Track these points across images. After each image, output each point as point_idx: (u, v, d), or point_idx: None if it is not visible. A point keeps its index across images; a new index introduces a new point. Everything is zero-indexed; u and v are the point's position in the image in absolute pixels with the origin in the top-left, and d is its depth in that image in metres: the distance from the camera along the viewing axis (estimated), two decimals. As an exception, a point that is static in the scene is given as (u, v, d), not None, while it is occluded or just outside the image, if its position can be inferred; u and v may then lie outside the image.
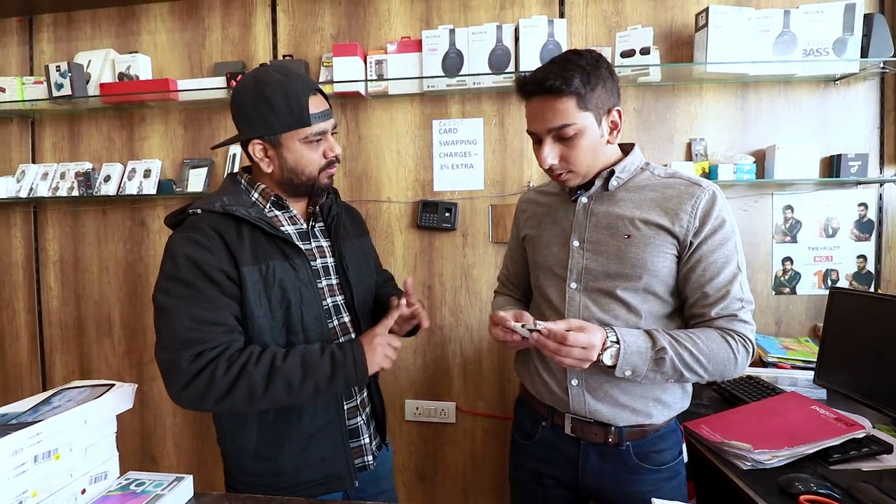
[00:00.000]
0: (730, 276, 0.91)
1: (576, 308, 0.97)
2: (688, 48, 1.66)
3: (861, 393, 1.26)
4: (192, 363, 0.86)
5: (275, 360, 0.89)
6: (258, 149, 0.98)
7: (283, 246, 0.96)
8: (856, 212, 1.67)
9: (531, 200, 1.15)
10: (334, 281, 1.06)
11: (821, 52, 1.53)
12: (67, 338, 2.05)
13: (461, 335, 1.84)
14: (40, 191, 1.91)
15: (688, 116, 1.70)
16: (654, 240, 0.92)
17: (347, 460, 1.01)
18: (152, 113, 1.94)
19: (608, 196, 0.98)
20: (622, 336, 0.88)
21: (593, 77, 0.88)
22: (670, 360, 0.87)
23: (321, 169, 1.00)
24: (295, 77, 0.97)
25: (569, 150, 0.92)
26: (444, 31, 1.66)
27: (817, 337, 1.62)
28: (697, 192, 0.92)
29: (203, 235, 0.91)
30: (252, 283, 0.91)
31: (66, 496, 0.81)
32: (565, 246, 1.00)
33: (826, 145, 1.65)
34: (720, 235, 0.91)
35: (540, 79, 0.88)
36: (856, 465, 1.03)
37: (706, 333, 0.90)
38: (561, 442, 1.02)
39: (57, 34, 1.98)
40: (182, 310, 0.88)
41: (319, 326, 0.98)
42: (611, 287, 0.94)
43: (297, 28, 1.84)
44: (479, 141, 1.78)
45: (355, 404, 1.05)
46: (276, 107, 0.94)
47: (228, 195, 0.98)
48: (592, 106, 0.89)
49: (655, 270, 0.92)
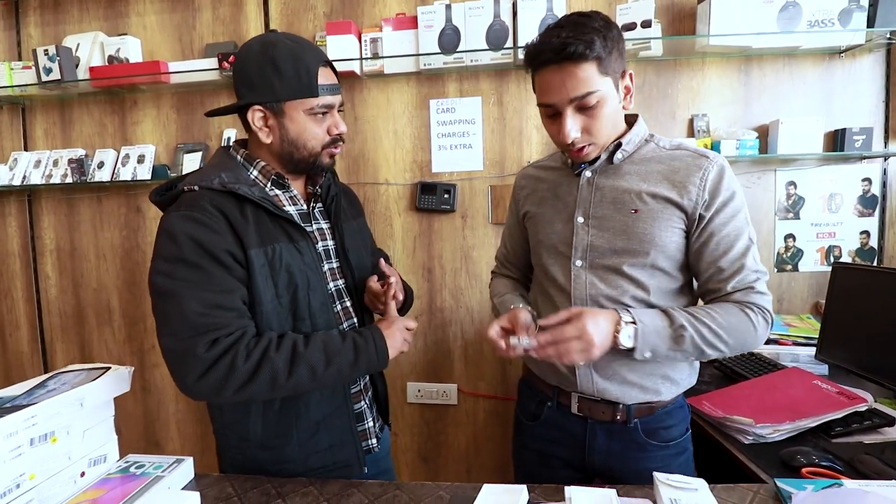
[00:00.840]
0: (743, 248, 0.88)
1: (582, 286, 0.94)
2: (690, 21, 1.62)
3: (863, 367, 1.25)
4: (209, 350, 0.80)
5: (296, 346, 0.86)
6: (258, 116, 0.91)
7: (287, 228, 0.92)
8: (859, 187, 1.65)
9: (530, 176, 1.10)
10: (335, 264, 1.02)
11: (826, 23, 1.50)
12: (67, 326, 2.05)
13: (462, 317, 1.83)
14: (33, 178, 1.89)
15: (690, 92, 1.67)
16: (661, 214, 0.89)
17: (356, 446, 0.99)
18: (144, 97, 1.90)
19: (613, 169, 0.94)
20: (638, 317, 0.85)
21: (609, 40, 0.83)
22: (690, 337, 0.84)
23: (324, 145, 0.95)
24: (307, 45, 0.92)
25: (591, 121, 0.86)
26: (440, 6, 1.62)
27: (819, 314, 1.61)
28: (705, 164, 0.89)
29: (205, 214, 0.84)
30: (259, 266, 0.86)
31: (65, 478, 0.81)
32: (569, 222, 0.96)
33: (830, 119, 1.62)
34: (731, 208, 0.88)
35: (557, 45, 0.81)
36: (858, 437, 1.03)
37: (723, 307, 0.88)
38: (567, 421, 1.00)
39: (44, 17, 1.94)
40: (190, 293, 0.81)
41: (326, 311, 0.95)
42: (617, 264, 0.91)
43: (290, 6, 1.80)
44: (478, 120, 1.75)
45: (359, 388, 1.03)
46: (283, 71, 0.87)
47: (226, 171, 0.91)
48: (611, 70, 0.84)
49: (663, 245, 0.89)
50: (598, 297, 0.92)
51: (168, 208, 0.89)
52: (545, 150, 1.73)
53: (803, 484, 0.77)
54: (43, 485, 0.77)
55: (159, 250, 0.85)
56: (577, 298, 0.94)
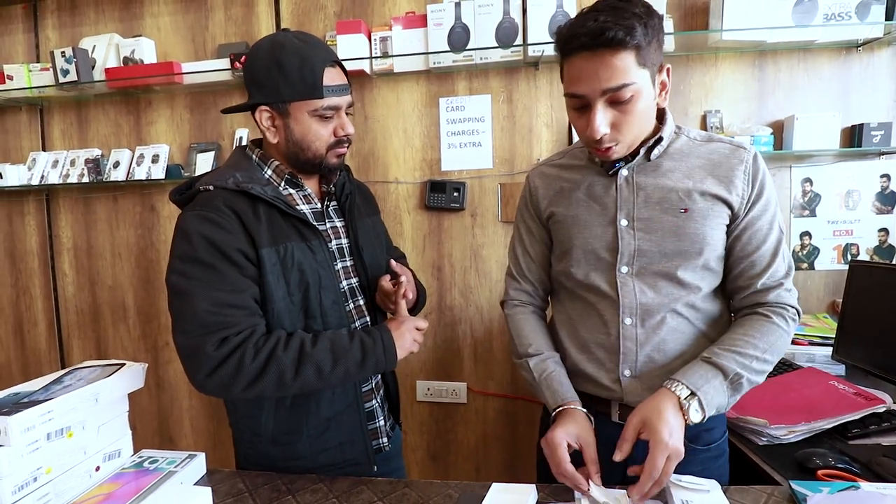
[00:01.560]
0: (775, 241, 0.86)
1: (630, 294, 0.88)
2: (702, 16, 1.60)
3: (881, 368, 1.22)
4: (219, 349, 0.82)
5: (304, 345, 0.87)
6: (265, 116, 0.92)
7: (300, 227, 0.92)
8: (878, 183, 1.61)
9: (547, 175, 1.00)
10: (349, 263, 1.03)
11: (843, 16, 1.47)
12: (84, 323, 2.09)
13: (471, 315, 1.83)
14: (51, 178, 1.93)
15: (703, 88, 1.65)
16: (711, 211, 0.84)
17: (366, 444, 1.00)
18: (158, 97, 1.93)
19: (652, 167, 0.88)
20: (694, 385, 0.78)
21: (650, 28, 0.75)
22: (746, 380, 0.81)
23: (329, 147, 0.94)
24: (315, 44, 0.91)
25: (622, 116, 0.79)
26: (449, 4, 1.61)
27: (836, 313, 1.58)
28: (745, 156, 0.85)
29: (219, 214, 0.86)
30: (270, 265, 0.87)
31: (81, 473, 0.83)
32: (611, 226, 0.89)
33: (847, 115, 1.59)
34: (765, 199, 0.85)
35: (594, 29, 0.73)
36: (875, 439, 1.01)
37: (758, 327, 0.84)
38: (606, 429, 0.89)
39: (61, 20, 1.97)
40: (202, 292, 0.83)
41: (338, 310, 0.95)
42: (669, 268, 0.86)
43: (300, 6, 1.81)
44: (487, 118, 1.74)
45: (370, 387, 1.04)
46: (288, 72, 0.88)
47: (241, 171, 0.92)
48: (649, 62, 0.77)
49: (714, 244, 0.85)
50: (649, 306, 0.87)
51: (185, 207, 0.91)
52: (555, 148, 1.72)
53: (819, 486, 0.76)
54: (59, 479, 0.79)
55: (175, 249, 0.87)
56: (626, 307, 0.88)
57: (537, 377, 0.93)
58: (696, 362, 0.82)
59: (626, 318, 0.88)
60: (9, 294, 2.13)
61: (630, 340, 0.88)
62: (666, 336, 0.87)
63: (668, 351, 0.88)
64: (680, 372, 0.81)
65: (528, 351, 0.97)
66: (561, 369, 0.94)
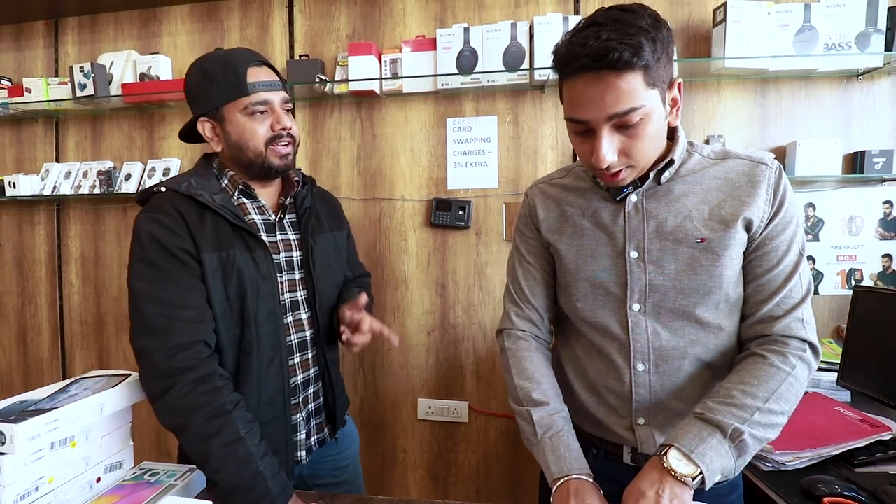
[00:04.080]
0: (792, 264, 0.76)
1: (643, 336, 0.79)
2: (705, 44, 1.63)
3: (887, 394, 1.21)
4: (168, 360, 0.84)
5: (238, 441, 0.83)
6: (207, 127, 0.96)
7: (246, 236, 0.94)
8: (881, 209, 1.62)
9: (548, 195, 0.92)
10: (298, 276, 1.04)
11: (843, 46, 1.50)
12: (87, 333, 2.09)
13: (474, 334, 1.83)
14: (63, 189, 1.96)
15: (706, 113, 1.67)
16: (733, 240, 0.75)
17: (287, 456, 0.99)
18: (172, 113, 1.97)
19: (664, 190, 0.79)
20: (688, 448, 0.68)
21: (659, 42, 0.67)
22: (750, 435, 0.68)
23: (267, 142, 0.95)
24: (238, 52, 0.97)
25: (631, 141, 0.71)
26: (458, 29, 1.66)
27: (840, 338, 1.57)
28: (767, 173, 0.76)
29: (165, 215, 0.89)
30: (211, 269, 0.90)
31: (82, 483, 0.83)
32: (619, 257, 0.81)
33: (849, 142, 1.61)
34: (784, 216, 0.76)
35: (598, 50, 0.65)
36: (882, 467, 1.00)
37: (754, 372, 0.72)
38: (617, 471, 0.84)
39: (81, 36, 2.03)
40: (151, 293, 0.86)
41: (273, 321, 0.96)
42: (686, 306, 0.77)
43: (314, 28, 1.86)
44: (493, 139, 1.77)
45: (297, 401, 1.03)
46: (214, 79, 0.93)
47: (197, 177, 0.96)
48: (659, 81, 0.69)
49: (734, 273, 0.76)
50: (664, 350, 0.79)
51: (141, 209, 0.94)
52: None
53: (824, 513, 0.75)
54: (60, 489, 0.79)
55: (131, 251, 0.91)
56: (638, 352, 0.80)
57: (540, 435, 0.80)
58: (689, 421, 0.71)
59: (639, 364, 0.81)
60: (14, 302, 2.14)
61: (644, 388, 0.81)
62: (685, 385, 0.80)
63: (688, 398, 0.80)
64: (672, 436, 0.71)
65: (531, 396, 0.84)
66: (569, 428, 0.82)
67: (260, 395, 0.95)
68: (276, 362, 0.97)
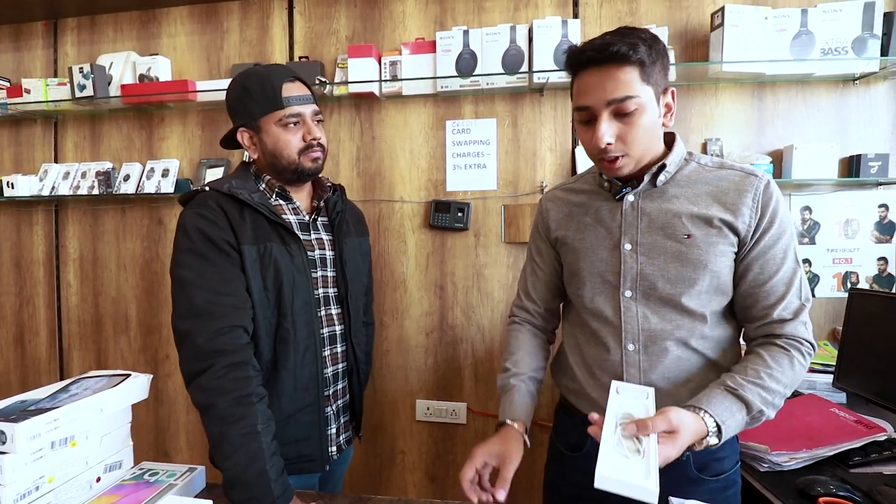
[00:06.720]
0: (790, 271, 0.84)
1: (633, 319, 0.89)
2: (703, 48, 1.64)
3: (882, 396, 1.22)
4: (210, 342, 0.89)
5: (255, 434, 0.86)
6: (245, 136, 1.06)
7: (282, 232, 1.02)
8: (876, 213, 1.64)
9: (558, 199, 1.04)
10: (330, 273, 1.11)
11: (839, 51, 1.51)
12: (85, 334, 2.09)
13: (473, 335, 1.83)
14: (62, 189, 1.96)
15: (703, 116, 1.68)
16: (715, 238, 0.84)
17: (321, 442, 1.05)
18: (171, 114, 1.97)
19: (658, 192, 0.89)
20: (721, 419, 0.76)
21: (654, 50, 0.81)
22: (768, 415, 0.80)
23: (300, 151, 1.04)
24: (275, 68, 1.06)
25: (627, 129, 0.82)
26: (458, 31, 1.67)
27: (836, 340, 1.58)
28: (756, 183, 0.85)
29: (209, 211, 0.97)
30: (251, 261, 0.97)
31: (82, 483, 0.83)
32: (615, 249, 0.91)
33: (845, 145, 1.62)
34: (777, 228, 0.84)
35: (600, 46, 0.80)
36: (877, 468, 1.01)
37: (779, 359, 0.82)
38: None
39: (80, 37, 2.03)
40: (197, 281, 0.92)
41: (308, 311, 1.03)
42: (671, 294, 0.86)
43: (313, 30, 1.87)
44: (492, 141, 1.78)
45: (329, 393, 1.09)
46: (253, 94, 1.02)
47: (238, 179, 1.05)
48: (653, 81, 0.81)
49: (718, 271, 0.85)
50: (653, 332, 0.88)
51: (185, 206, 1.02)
52: (559, 171, 1.75)
53: (820, 513, 0.76)
54: (60, 488, 0.79)
55: (176, 243, 0.97)
56: (629, 333, 0.89)
57: (499, 391, 0.99)
58: (721, 393, 0.79)
59: (629, 344, 0.89)
60: (12, 303, 2.14)
61: (633, 367, 0.89)
62: (670, 365, 0.87)
63: (673, 379, 0.87)
64: (706, 401, 0.78)
65: (505, 364, 1.03)
66: (524, 387, 0.98)
67: (296, 381, 1.01)
68: (310, 350, 1.03)
